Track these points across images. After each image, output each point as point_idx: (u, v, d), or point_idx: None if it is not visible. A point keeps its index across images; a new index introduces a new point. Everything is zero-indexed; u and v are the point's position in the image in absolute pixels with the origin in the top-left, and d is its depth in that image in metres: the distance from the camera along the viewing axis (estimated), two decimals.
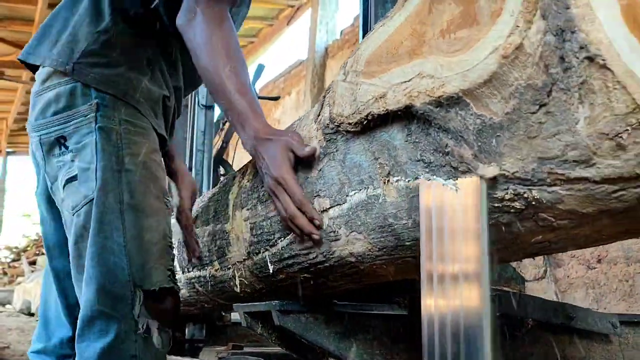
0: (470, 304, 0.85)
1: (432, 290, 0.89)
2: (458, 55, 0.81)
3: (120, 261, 1.40)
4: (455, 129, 0.85)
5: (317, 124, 1.21)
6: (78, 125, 1.46)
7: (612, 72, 0.67)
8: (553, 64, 0.71)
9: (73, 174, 1.47)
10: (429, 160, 0.93)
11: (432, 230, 0.89)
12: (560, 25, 0.69)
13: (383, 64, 0.98)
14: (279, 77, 10.65)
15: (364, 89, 1.02)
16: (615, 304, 4.12)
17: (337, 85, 1.11)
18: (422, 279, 0.91)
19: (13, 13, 9.78)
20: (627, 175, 0.72)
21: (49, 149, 1.50)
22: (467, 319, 0.85)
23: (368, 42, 1.04)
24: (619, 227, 0.84)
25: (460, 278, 0.86)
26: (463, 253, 0.85)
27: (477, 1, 0.79)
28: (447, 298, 0.88)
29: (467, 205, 0.85)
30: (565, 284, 4.55)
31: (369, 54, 1.02)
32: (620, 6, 0.69)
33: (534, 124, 0.75)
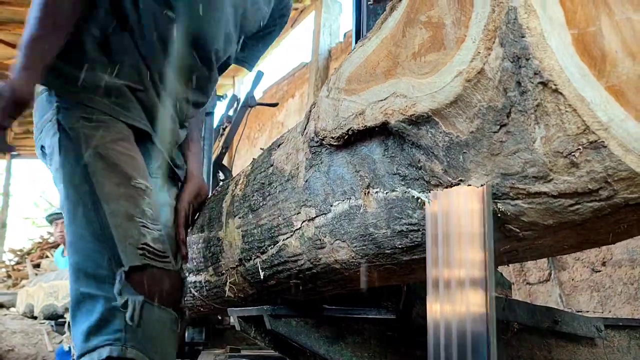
0: (476, 310, 0.86)
1: (438, 295, 0.91)
2: (427, 77, 0.87)
3: (95, 246, 1.50)
4: (426, 145, 0.91)
5: (303, 137, 1.27)
6: (47, 130, 1.58)
7: (563, 96, 0.72)
8: (511, 87, 0.76)
9: (54, 177, 1.60)
10: (404, 173, 0.99)
11: (438, 236, 0.91)
12: (517, 52, 0.74)
13: (362, 83, 1.04)
14: (283, 80, 10.70)
15: (345, 106, 1.08)
16: (620, 307, 4.12)
17: (321, 100, 1.17)
18: (428, 285, 0.92)
19: (16, 16, 9.84)
20: (581, 190, 0.78)
21: (42, 158, 1.66)
22: (472, 324, 0.86)
23: (349, 60, 1.09)
24: (579, 237, 0.90)
25: (466, 283, 0.87)
26: (468, 258, 0.87)
27: (444, 27, 0.85)
28: (452, 303, 0.89)
29: (472, 210, 0.87)
30: (569, 287, 4.56)
31: (350, 73, 1.08)
32: (571, 35, 0.74)
33: (496, 143, 0.81)
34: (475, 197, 0.86)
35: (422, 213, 0.99)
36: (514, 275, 5.04)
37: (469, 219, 0.87)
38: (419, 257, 1.09)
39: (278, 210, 1.35)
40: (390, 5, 0.99)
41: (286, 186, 1.32)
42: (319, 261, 1.28)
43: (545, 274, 4.77)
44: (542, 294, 4.77)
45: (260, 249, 1.45)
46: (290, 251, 1.34)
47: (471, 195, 0.87)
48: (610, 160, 0.74)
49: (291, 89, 10.40)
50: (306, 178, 1.26)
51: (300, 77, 10.17)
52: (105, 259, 1.49)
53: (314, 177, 1.23)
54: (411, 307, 1.67)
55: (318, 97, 1.20)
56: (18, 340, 7.40)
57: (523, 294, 4.91)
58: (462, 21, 0.82)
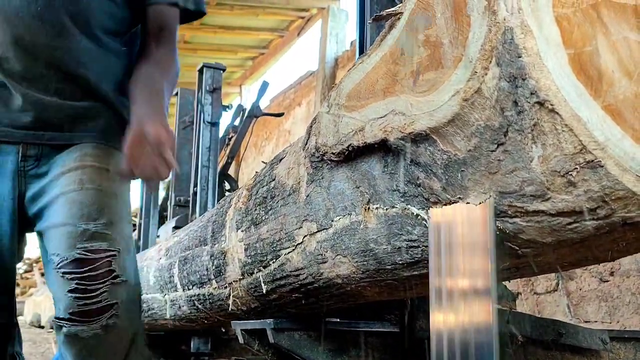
0: (479, 320, 0.85)
1: (441, 305, 0.90)
2: (426, 95, 0.87)
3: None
4: (425, 162, 0.91)
5: (304, 152, 1.27)
6: None
7: (560, 116, 0.73)
8: (508, 107, 0.76)
9: None
10: (403, 190, 0.99)
11: (440, 246, 0.91)
12: (513, 72, 0.75)
13: (362, 99, 1.04)
14: (290, 89, 10.72)
15: (345, 122, 1.08)
16: (629, 317, 4.08)
17: (322, 116, 1.17)
18: (431, 295, 0.91)
19: None
20: (578, 209, 0.78)
21: None
22: (476, 334, 0.86)
23: (349, 77, 1.09)
24: (578, 254, 0.90)
25: (469, 293, 0.87)
26: (472, 268, 0.86)
27: (442, 46, 0.85)
28: (456, 314, 0.88)
29: (476, 221, 0.86)
30: (577, 297, 4.52)
31: (350, 89, 1.08)
32: (568, 55, 0.74)
33: (493, 161, 0.81)
34: (478, 208, 0.86)
35: (422, 229, 0.99)
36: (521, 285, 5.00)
37: (472, 230, 0.87)
38: (420, 273, 1.09)
39: (280, 224, 1.35)
40: (390, 23, 1.00)
41: (288, 200, 1.33)
42: (320, 276, 1.28)
43: (552, 284, 4.73)
44: (549, 304, 4.73)
45: (262, 263, 1.45)
46: (292, 265, 1.34)
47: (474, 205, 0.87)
48: (608, 180, 0.74)
49: (298, 97, 10.41)
50: (307, 193, 1.26)
51: (307, 86, 10.18)
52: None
53: (315, 192, 1.23)
54: (414, 321, 1.67)
55: (318, 113, 1.20)
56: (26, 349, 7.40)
57: (530, 304, 4.87)
58: (459, 40, 0.82)
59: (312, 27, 10.42)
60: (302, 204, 1.27)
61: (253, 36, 10.44)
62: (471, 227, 0.87)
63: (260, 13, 9.44)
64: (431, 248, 0.92)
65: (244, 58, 11.05)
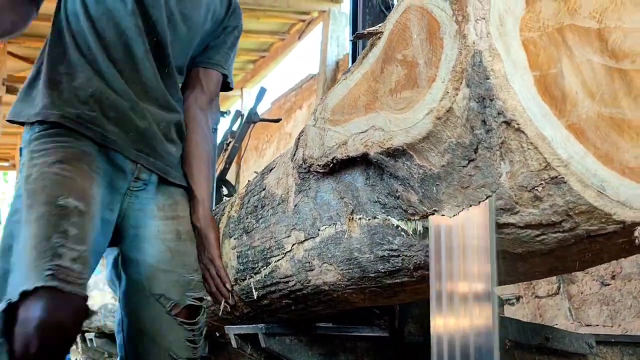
0: (480, 323, 0.86)
1: (441, 309, 0.91)
2: (403, 113, 0.91)
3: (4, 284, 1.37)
4: (403, 176, 0.95)
5: (293, 163, 1.31)
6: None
7: (525, 135, 0.77)
8: (477, 126, 0.81)
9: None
10: (384, 202, 1.04)
11: (441, 250, 0.92)
12: (482, 93, 0.79)
13: (345, 114, 1.08)
14: (290, 91, 10.75)
15: (330, 135, 1.12)
16: (630, 321, 4.07)
17: (309, 129, 1.22)
18: (431, 299, 0.93)
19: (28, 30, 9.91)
20: (545, 222, 0.82)
21: None
22: (476, 338, 0.86)
23: (334, 92, 1.14)
24: (547, 264, 0.94)
25: (470, 297, 0.88)
26: (472, 272, 0.87)
27: (418, 66, 0.89)
28: (456, 317, 0.89)
29: (476, 224, 0.87)
30: (579, 300, 4.52)
31: (334, 104, 1.12)
32: (534, 77, 0.79)
33: (465, 176, 0.85)
34: (478, 210, 0.87)
35: (402, 240, 1.03)
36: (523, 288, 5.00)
37: (472, 233, 0.88)
38: (401, 281, 1.13)
39: (270, 232, 1.40)
40: (371, 41, 1.04)
41: (277, 210, 1.37)
42: (308, 283, 1.33)
43: (554, 287, 4.72)
44: (551, 307, 4.72)
45: (253, 270, 1.49)
46: (281, 272, 1.38)
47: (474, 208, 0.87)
48: (571, 195, 0.78)
49: (299, 100, 10.44)
50: (295, 202, 1.30)
51: (307, 89, 10.22)
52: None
53: (303, 202, 1.28)
54: (403, 325, 1.71)
55: (306, 126, 1.25)
56: None
57: (532, 307, 4.87)
58: (433, 61, 0.86)
59: (313, 30, 10.45)
60: (291, 213, 1.32)
61: (254, 39, 10.47)
62: (471, 230, 0.89)
63: (261, 16, 9.48)
64: (431, 252, 0.94)
65: (245, 61, 11.08)
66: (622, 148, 0.80)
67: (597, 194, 0.77)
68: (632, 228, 0.79)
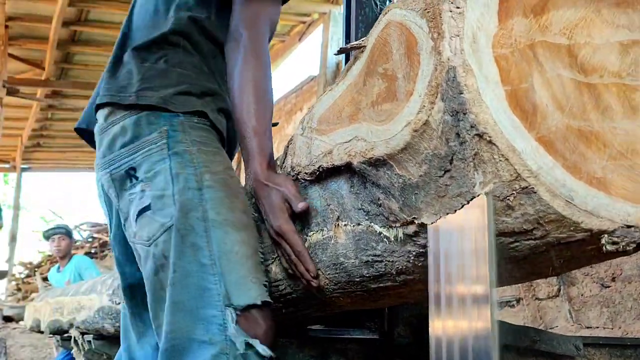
0: (478, 326, 0.86)
1: (440, 312, 0.91)
2: (383, 124, 0.95)
3: (206, 282, 1.30)
4: (384, 185, 0.99)
5: (282, 171, 1.35)
6: (147, 153, 1.41)
7: (497, 147, 0.81)
8: (452, 138, 0.85)
9: (145, 204, 1.40)
10: (367, 209, 1.07)
11: (439, 252, 0.93)
12: (455, 107, 0.83)
13: (331, 124, 1.12)
14: (291, 93, 10.80)
15: (316, 144, 1.16)
16: (631, 323, 4.05)
17: (297, 138, 1.26)
18: (430, 301, 0.93)
19: (28, 31, 9.99)
20: (517, 230, 0.86)
21: (121, 183, 1.45)
22: (475, 340, 0.86)
23: (320, 103, 1.18)
24: (523, 270, 0.98)
25: (468, 300, 0.88)
26: (470, 274, 0.87)
27: (397, 80, 0.93)
28: (454, 320, 0.89)
29: (474, 227, 0.88)
30: (579, 302, 4.52)
31: (321, 114, 1.17)
32: (505, 91, 0.83)
33: (442, 186, 0.89)
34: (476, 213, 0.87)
35: (385, 246, 1.07)
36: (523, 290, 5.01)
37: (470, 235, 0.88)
38: (385, 285, 1.17)
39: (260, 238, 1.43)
40: (355, 55, 1.08)
41: None
42: (298, 287, 1.36)
43: (554, 289, 4.73)
44: (551, 309, 4.73)
45: None
46: (272, 277, 1.42)
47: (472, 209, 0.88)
48: (540, 204, 0.82)
49: (299, 102, 10.49)
50: None
51: (308, 91, 10.26)
52: (215, 294, 1.29)
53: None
54: (393, 328, 1.75)
55: (294, 134, 1.28)
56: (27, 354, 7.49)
57: (532, 309, 4.88)
58: (411, 76, 0.90)
59: (313, 32, 10.50)
60: None
61: None
62: (469, 232, 0.89)
63: None
64: (430, 255, 0.94)
65: None
66: (590, 159, 0.83)
67: (566, 203, 0.81)
68: (599, 236, 0.83)
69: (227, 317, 1.27)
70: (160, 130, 1.41)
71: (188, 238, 1.32)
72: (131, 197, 1.43)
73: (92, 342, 3.75)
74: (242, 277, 1.30)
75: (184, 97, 1.45)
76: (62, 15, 8.90)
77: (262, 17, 1.46)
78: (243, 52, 1.42)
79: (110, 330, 3.29)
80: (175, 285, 1.31)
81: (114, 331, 3.23)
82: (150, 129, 1.42)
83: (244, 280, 1.30)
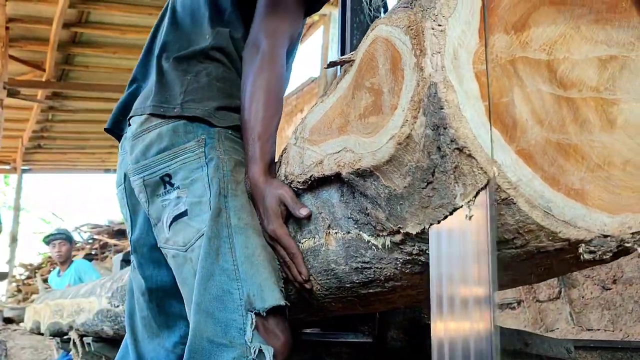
0: (479, 328, 0.87)
1: (442, 314, 0.92)
2: (370, 137, 0.98)
3: (228, 286, 1.33)
4: (371, 195, 1.02)
5: None
6: (185, 161, 1.45)
7: (476, 160, 0.84)
8: (433, 151, 0.88)
9: (181, 211, 1.43)
10: (356, 218, 1.11)
11: (441, 254, 0.93)
12: (436, 122, 0.86)
13: (322, 135, 1.15)
14: (291, 95, 10.82)
15: (308, 154, 1.20)
16: (632, 325, 4.05)
17: (290, 147, 1.29)
18: (432, 303, 0.94)
19: (29, 33, 9.99)
20: (498, 239, 0.89)
21: (153, 189, 1.48)
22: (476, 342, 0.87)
23: (312, 114, 1.21)
24: (506, 277, 1.01)
25: (469, 301, 0.88)
26: (471, 276, 0.88)
27: (383, 94, 0.96)
28: (456, 322, 0.90)
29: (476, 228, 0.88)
30: (580, 304, 4.52)
31: (312, 125, 1.20)
32: (484, 107, 0.85)
33: (425, 197, 0.92)
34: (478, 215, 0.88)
35: (373, 253, 1.10)
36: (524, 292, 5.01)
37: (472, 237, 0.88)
38: (375, 291, 1.20)
39: None
40: (344, 69, 1.11)
41: None
42: (290, 291, 1.39)
43: (555, 292, 4.72)
44: (552, 311, 4.72)
45: None
46: None
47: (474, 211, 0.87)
48: (520, 215, 0.85)
49: (300, 104, 10.51)
50: None
51: (308, 92, 10.29)
52: (236, 298, 1.31)
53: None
54: (386, 331, 1.78)
55: (288, 144, 1.32)
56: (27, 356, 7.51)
57: (533, 311, 4.87)
58: (395, 91, 0.93)
59: (314, 34, 10.52)
60: None
61: None
62: (470, 234, 0.89)
63: None
64: (432, 256, 0.95)
65: None
66: (568, 171, 0.86)
67: (544, 214, 0.84)
68: (576, 245, 0.86)
69: (247, 322, 1.30)
70: (198, 139, 1.45)
71: (214, 242, 1.36)
72: (164, 203, 1.46)
73: (91, 344, 3.78)
74: (264, 279, 1.33)
75: (223, 112, 1.50)
76: (62, 16, 8.91)
77: (282, 30, 1.49)
78: (260, 58, 1.45)
79: (109, 333, 3.32)
80: (198, 287, 1.34)
81: (112, 333, 3.26)
82: (188, 137, 1.46)
83: (266, 283, 1.32)
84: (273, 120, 1.44)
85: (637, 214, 0.86)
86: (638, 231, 0.86)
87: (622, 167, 0.88)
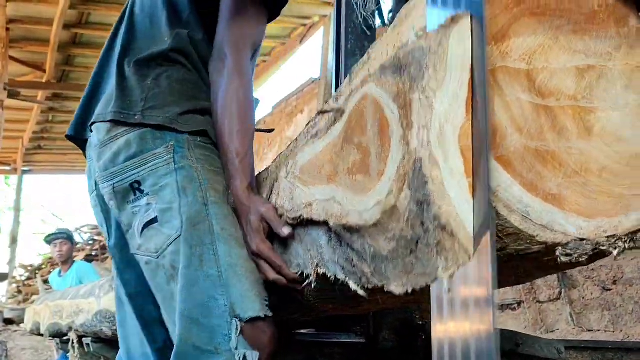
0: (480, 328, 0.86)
1: (442, 315, 0.91)
2: (357, 195, 1.01)
3: (213, 292, 1.33)
4: (357, 249, 1.04)
5: None
6: (154, 167, 1.44)
7: (458, 239, 0.82)
8: (417, 225, 0.88)
9: (152, 217, 1.43)
10: (343, 265, 1.12)
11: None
12: (420, 198, 0.86)
13: (312, 177, 1.18)
14: (292, 96, 10.81)
15: (298, 192, 1.23)
16: (632, 326, 4.08)
17: (281, 180, 1.32)
18: (432, 304, 0.93)
19: (29, 34, 10.00)
20: None
21: (123, 196, 1.47)
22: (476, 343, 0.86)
23: (303, 153, 1.23)
24: None
25: (470, 302, 0.88)
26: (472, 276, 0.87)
27: (370, 156, 0.98)
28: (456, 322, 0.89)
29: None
30: (580, 305, 4.50)
31: (303, 164, 1.22)
32: (468, 184, 0.83)
33: (408, 264, 0.92)
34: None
35: None
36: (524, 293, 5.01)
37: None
38: None
39: None
40: (335, 116, 1.13)
41: None
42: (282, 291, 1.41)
43: (555, 292, 4.70)
44: (552, 312, 4.70)
45: None
46: None
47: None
48: (499, 219, 0.87)
49: (300, 105, 10.50)
50: None
51: (309, 93, 10.28)
52: (221, 304, 1.33)
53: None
54: (379, 332, 1.80)
55: (279, 175, 1.34)
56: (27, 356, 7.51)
57: (533, 312, 4.86)
58: (382, 157, 0.95)
59: (314, 35, 10.51)
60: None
61: None
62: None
63: None
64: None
65: None
66: (546, 177, 0.88)
67: (522, 218, 0.85)
68: (553, 248, 0.88)
69: (232, 328, 1.31)
70: (167, 145, 1.45)
71: (196, 249, 1.36)
72: (135, 210, 1.46)
73: (90, 345, 3.79)
74: (247, 290, 1.34)
75: (188, 117, 1.48)
76: (63, 17, 8.92)
77: (246, 38, 1.50)
78: (227, 74, 1.46)
79: (108, 334, 3.34)
80: (182, 294, 1.34)
81: (111, 334, 3.27)
82: (156, 144, 1.45)
83: (249, 294, 1.34)
84: (248, 132, 1.46)
85: (613, 218, 0.88)
86: (613, 235, 0.88)
87: (598, 174, 0.89)
